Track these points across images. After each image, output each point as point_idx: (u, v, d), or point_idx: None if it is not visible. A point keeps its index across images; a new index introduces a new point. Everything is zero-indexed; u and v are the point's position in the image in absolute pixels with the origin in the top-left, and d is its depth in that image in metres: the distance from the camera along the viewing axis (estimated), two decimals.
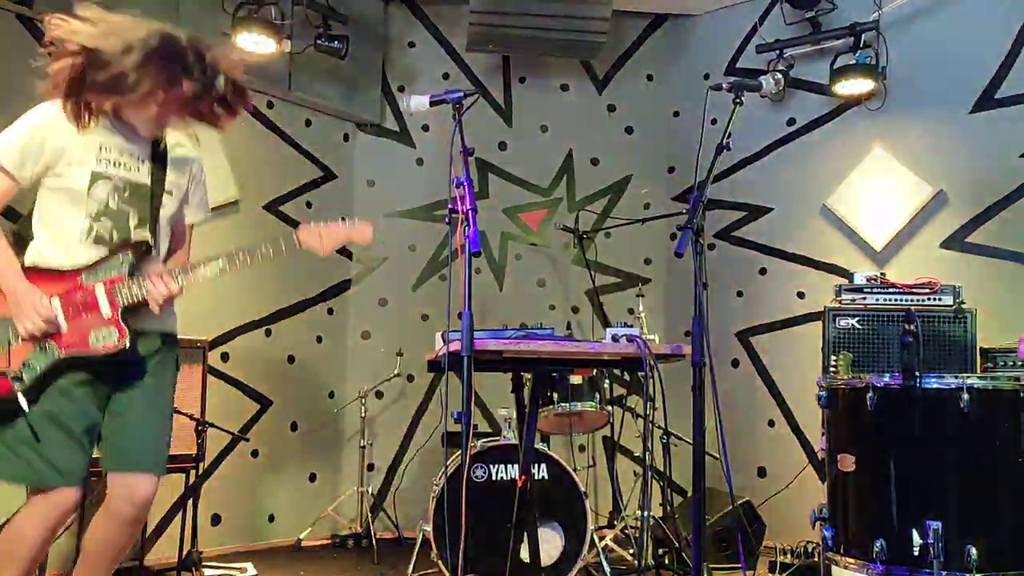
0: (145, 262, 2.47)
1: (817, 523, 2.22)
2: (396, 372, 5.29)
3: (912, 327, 2.00)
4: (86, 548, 2.51)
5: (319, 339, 5.38)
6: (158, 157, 2.56)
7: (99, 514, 2.48)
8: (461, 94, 2.47)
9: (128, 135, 2.50)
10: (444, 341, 2.55)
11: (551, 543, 3.69)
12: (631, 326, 2.56)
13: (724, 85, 2.64)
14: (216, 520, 4.74)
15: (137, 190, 2.50)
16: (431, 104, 2.51)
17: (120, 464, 2.46)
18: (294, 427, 5.21)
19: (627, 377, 5.48)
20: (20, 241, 2.47)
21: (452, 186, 2.21)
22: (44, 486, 2.33)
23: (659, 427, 4.30)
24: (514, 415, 4.10)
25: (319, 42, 4.83)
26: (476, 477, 3.74)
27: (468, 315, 2.12)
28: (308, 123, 5.37)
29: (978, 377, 2.01)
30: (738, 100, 2.63)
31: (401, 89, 5.71)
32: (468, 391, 2.10)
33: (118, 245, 2.44)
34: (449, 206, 2.21)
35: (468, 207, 2.14)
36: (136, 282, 2.42)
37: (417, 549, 4.04)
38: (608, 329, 2.55)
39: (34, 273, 2.39)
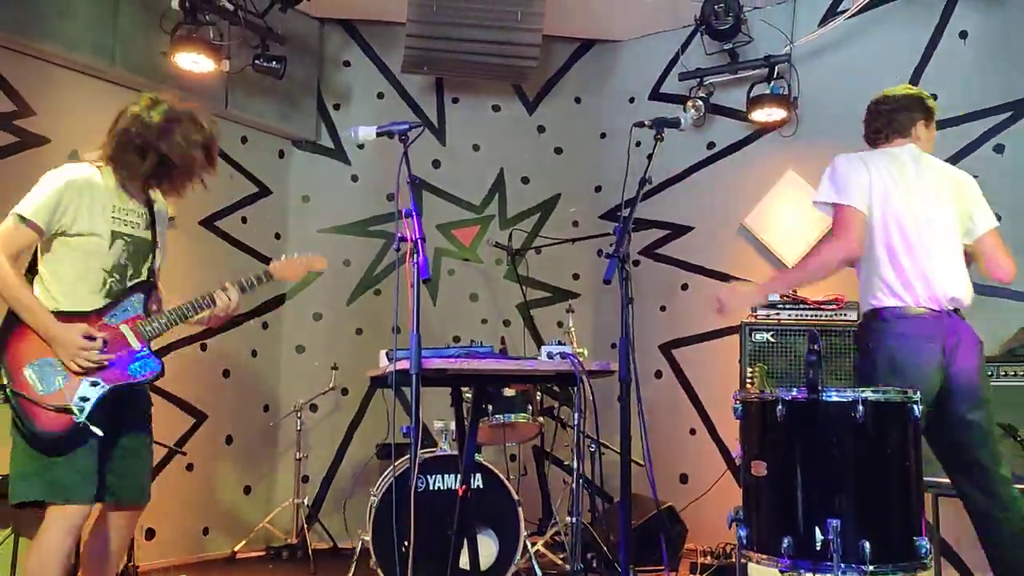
0: (151, 301, 2.85)
1: (733, 524, 2.44)
2: (331, 385, 5.38)
3: (815, 347, 2.24)
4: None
5: (254, 353, 5.44)
6: (152, 215, 2.91)
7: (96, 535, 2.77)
8: (407, 126, 2.62)
9: (134, 195, 2.84)
10: (389, 359, 2.69)
11: (486, 549, 3.85)
12: (564, 343, 2.75)
13: (647, 123, 2.87)
14: (151, 534, 4.75)
15: (141, 246, 2.83)
16: (378, 135, 2.65)
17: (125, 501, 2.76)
18: (229, 440, 5.25)
19: (557, 389, 5.68)
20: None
21: (402, 216, 2.36)
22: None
23: (589, 437, 4.50)
24: (450, 427, 4.26)
25: (257, 62, 4.91)
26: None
27: (416, 337, 2.28)
28: (244, 140, 5.44)
29: (872, 391, 2.26)
30: (659, 136, 2.86)
31: (336, 107, 5.82)
32: (417, 406, 2.25)
33: (124, 291, 2.76)
34: (398, 235, 2.36)
35: (417, 236, 2.30)
36: (154, 318, 2.80)
37: (356, 558, 4.14)
38: (543, 347, 2.73)
39: (58, 316, 2.61)
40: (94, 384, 2.62)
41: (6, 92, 4.24)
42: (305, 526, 5.09)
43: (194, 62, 4.61)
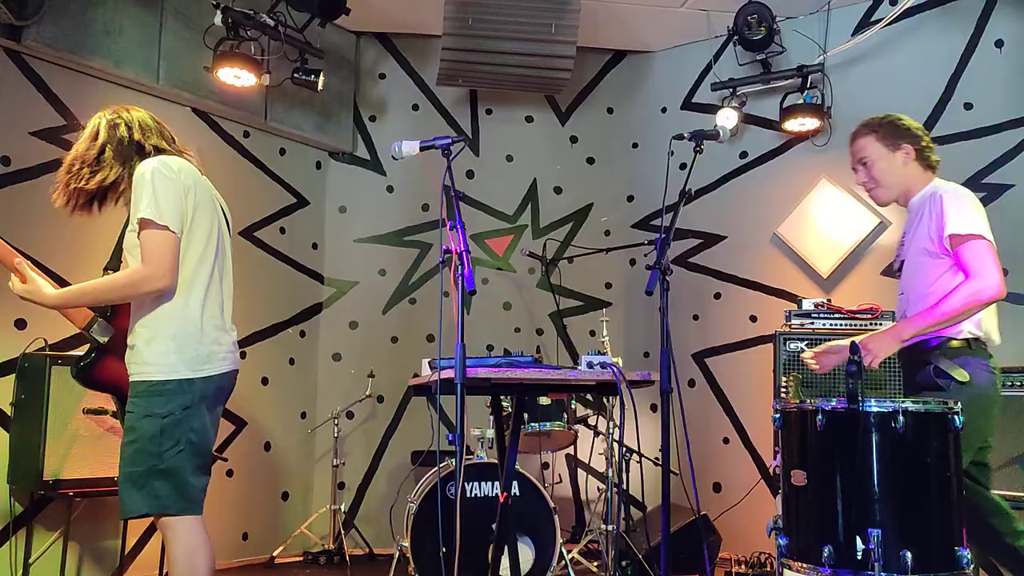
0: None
1: (772, 533, 2.47)
2: (367, 393, 5.46)
3: (856, 357, 2.26)
4: None
5: (292, 361, 5.53)
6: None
7: None
8: (449, 140, 2.68)
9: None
10: (432, 368, 2.75)
11: (523, 556, 3.90)
12: (604, 354, 2.79)
13: (686, 135, 2.91)
14: None
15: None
16: (421, 149, 2.71)
17: None
18: (267, 447, 5.34)
19: (590, 398, 5.72)
20: None
21: (447, 228, 2.42)
22: None
23: (629, 448, 4.55)
24: (487, 435, 4.32)
25: (296, 75, 5.01)
26: (451, 494, 3.93)
27: (461, 347, 2.33)
28: (283, 151, 5.55)
29: (912, 401, 2.28)
30: (699, 148, 2.90)
31: (372, 119, 5.91)
32: (461, 416, 2.30)
33: None
34: (443, 247, 2.42)
35: (462, 248, 2.36)
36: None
37: (395, 565, 4.20)
38: (583, 356, 2.77)
39: None
40: None
41: (56, 107, 4.37)
42: (342, 532, 5.17)
43: (236, 77, 4.72)
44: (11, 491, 3.98)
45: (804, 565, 2.33)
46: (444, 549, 2.86)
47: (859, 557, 2.18)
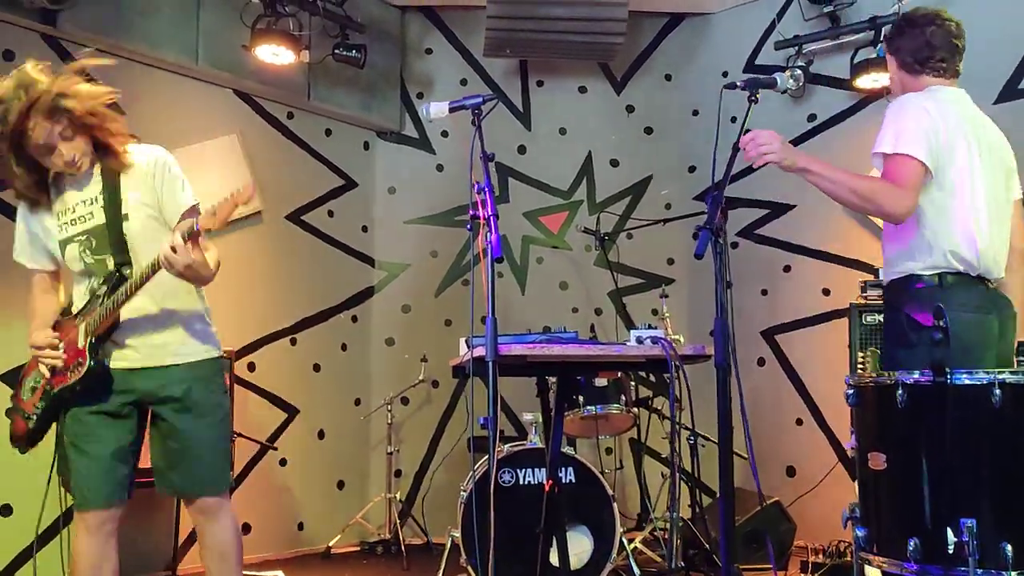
0: (121, 287, 2.41)
1: (849, 523, 2.20)
2: (421, 378, 5.30)
3: (942, 323, 1.98)
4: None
5: (344, 347, 5.41)
6: (111, 185, 2.50)
7: None
8: (480, 99, 2.48)
9: (72, 184, 2.52)
10: (468, 346, 2.55)
11: (580, 547, 3.68)
12: (655, 327, 2.55)
13: (738, 84, 2.64)
14: (247, 529, 4.76)
15: (97, 233, 2.48)
16: (450, 110, 2.51)
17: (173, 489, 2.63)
18: (321, 435, 5.23)
19: (652, 378, 5.46)
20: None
21: (473, 192, 2.21)
22: (78, 508, 2.49)
23: (686, 428, 4.28)
24: (540, 419, 4.10)
25: (337, 52, 4.86)
26: (503, 482, 3.73)
27: (492, 320, 2.13)
28: (328, 132, 5.41)
29: (1010, 372, 1.98)
30: (754, 98, 2.63)
31: (420, 96, 5.73)
32: (494, 396, 2.10)
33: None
34: (471, 212, 2.22)
35: (489, 213, 2.15)
36: (103, 306, 2.42)
37: (446, 555, 4.04)
38: (632, 331, 2.54)
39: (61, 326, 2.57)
40: (46, 391, 2.50)
41: None
42: (398, 521, 5.03)
43: (274, 54, 4.59)
44: (61, 481, 3.93)
45: (887, 560, 2.05)
46: (492, 540, 2.65)
47: (951, 551, 1.90)
